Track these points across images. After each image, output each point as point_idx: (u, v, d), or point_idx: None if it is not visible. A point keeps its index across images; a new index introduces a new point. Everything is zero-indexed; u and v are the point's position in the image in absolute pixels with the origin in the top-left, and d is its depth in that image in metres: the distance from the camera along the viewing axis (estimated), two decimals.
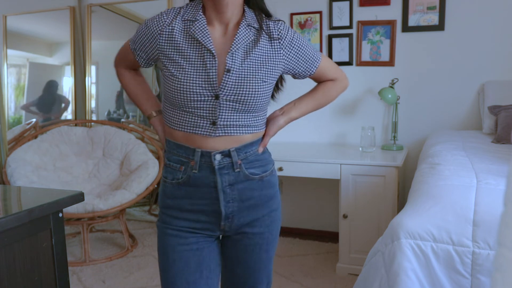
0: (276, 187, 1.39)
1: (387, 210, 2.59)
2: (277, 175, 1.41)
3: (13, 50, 4.07)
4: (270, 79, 1.26)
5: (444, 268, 1.33)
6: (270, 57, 1.27)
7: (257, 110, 1.27)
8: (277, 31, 1.29)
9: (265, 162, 1.33)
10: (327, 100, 1.45)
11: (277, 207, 1.39)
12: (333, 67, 1.43)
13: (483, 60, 2.88)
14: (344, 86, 1.47)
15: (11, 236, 1.14)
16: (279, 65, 1.29)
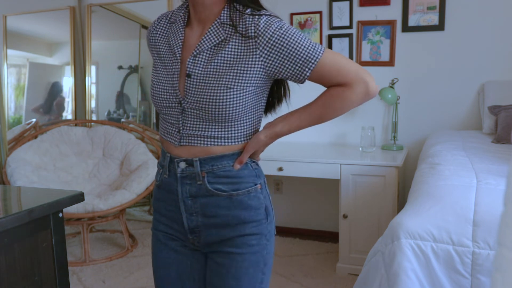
0: (258, 211, 1.17)
1: (387, 210, 2.59)
2: (264, 199, 1.19)
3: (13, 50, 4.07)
4: (239, 85, 1.08)
5: (444, 268, 1.33)
6: (241, 60, 1.09)
7: (229, 120, 1.11)
8: (253, 28, 1.07)
9: (240, 180, 1.16)
10: (329, 113, 1.16)
11: (258, 234, 1.17)
12: (342, 66, 1.11)
13: (483, 60, 2.88)
14: (360, 92, 1.13)
15: (11, 236, 1.14)
16: (255, 69, 1.09)
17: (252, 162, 1.19)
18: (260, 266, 1.19)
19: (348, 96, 1.14)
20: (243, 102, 1.11)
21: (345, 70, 1.12)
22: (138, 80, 3.81)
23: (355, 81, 1.13)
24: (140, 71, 3.80)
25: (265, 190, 1.22)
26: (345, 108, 1.17)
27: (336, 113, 1.17)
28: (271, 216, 1.22)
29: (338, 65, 1.11)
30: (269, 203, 1.22)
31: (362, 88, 1.15)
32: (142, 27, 3.76)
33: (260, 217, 1.18)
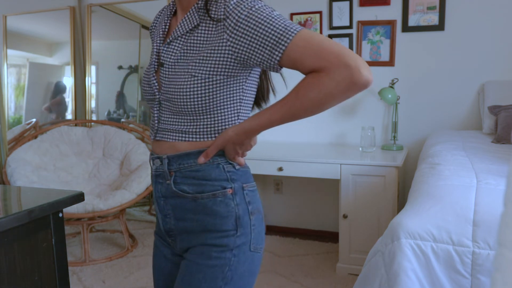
0: (225, 220, 1.03)
1: (387, 210, 2.59)
2: (236, 208, 1.04)
3: (13, 50, 4.07)
4: (205, 73, 0.98)
5: (444, 268, 1.33)
6: (208, 45, 0.99)
7: (195, 112, 1.02)
8: (223, 9, 0.96)
9: (206, 181, 1.04)
10: (303, 106, 0.94)
11: (221, 246, 1.03)
12: (320, 47, 0.91)
13: (483, 60, 2.88)
14: (341, 80, 0.89)
15: (11, 236, 1.14)
16: (223, 54, 0.97)
17: (227, 163, 1.05)
18: (218, 283, 1.03)
19: (326, 84, 0.90)
20: (210, 92, 1.00)
21: (324, 51, 0.91)
22: (138, 80, 3.81)
23: (335, 65, 0.89)
24: (140, 71, 3.80)
25: (241, 197, 1.05)
26: (323, 100, 0.92)
27: (312, 107, 0.94)
28: (245, 230, 1.05)
29: (315, 46, 0.91)
30: (244, 213, 1.05)
31: (343, 74, 0.89)
32: (142, 27, 3.76)
33: (227, 227, 1.04)
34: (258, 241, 1.09)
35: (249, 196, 1.07)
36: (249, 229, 1.06)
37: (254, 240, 1.07)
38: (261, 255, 1.11)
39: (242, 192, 1.06)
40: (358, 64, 0.89)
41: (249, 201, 1.07)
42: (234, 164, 1.06)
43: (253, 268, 1.09)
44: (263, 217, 1.12)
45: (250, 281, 1.09)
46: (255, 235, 1.07)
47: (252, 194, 1.08)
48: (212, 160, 1.05)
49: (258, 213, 1.09)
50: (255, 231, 1.07)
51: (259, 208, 1.11)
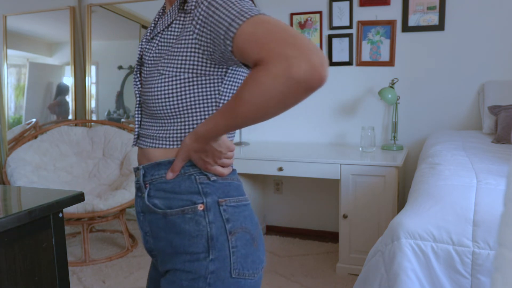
0: (194, 240, 0.89)
1: (387, 210, 2.59)
2: (208, 226, 0.89)
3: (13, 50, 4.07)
4: (172, 71, 0.89)
5: (444, 268, 1.33)
6: (177, 40, 0.89)
7: (165, 115, 0.92)
8: (194, 1, 0.86)
9: (175, 195, 0.92)
10: (241, 107, 0.78)
11: (190, 272, 0.89)
12: (262, 36, 0.75)
13: (483, 60, 2.88)
14: (277, 75, 0.72)
15: (11, 236, 1.14)
16: (190, 50, 0.87)
17: (200, 173, 0.92)
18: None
19: (262, 80, 0.74)
20: (179, 93, 0.89)
21: (265, 40, 0.74)
22: None
23: (271, 57, 0.73)
24: None
25: (216, 214, 0.90)
26: (261, 102, 0.75)
27: (252, 112, 0.77)
28: (220, 252, 0.89)
29: (262, 33, 0.75)
30: (219, 233, 0.89)
31: (280, 67, 0.72)
32: (142, 27, 3.76)
33: (197, 249, 0.89)
34: (245, 266, 0.92)
35: (229, 212, 0.91)
36: (227, 251, 0.90)
37: (238, 265, 0.90)
38: (254, 281, 0.94)
39: (218, 208, 0.90)
40: (300, 54, 0.71)
41: (228, 219, 0.91)
42: (210, 175, 0.92)
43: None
44: (254, 239, 0.95)
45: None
46: (238, 259, 0.91)
47: (233, 211, 0.92)
48: (184, 171, 0.92)
49: (244, 233, 0.92)
50: (237, 254, 0.91)
51: (247, 227, 0.93)
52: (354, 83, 3.16)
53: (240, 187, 0.97)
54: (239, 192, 0.95)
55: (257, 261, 0.94)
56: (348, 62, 3.15)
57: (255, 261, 0.94)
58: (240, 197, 0.95)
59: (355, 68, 3.15)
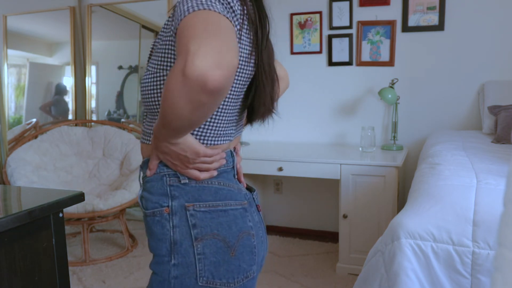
0: (159, 243, 0.88)
1: (387, 210, 2.59)
2: (172, 230, 0.88)
3: (13, 50, 4.07)
4: (153, 67, 0.90)
5: (444, 268, 1.33)
6: (163, 37, 0.91)
7: (150, 111, 0.93)
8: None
9: (149, 196, 0.91)
10: (163, 111, 0.78)
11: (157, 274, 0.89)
12: (183, 34, 0.74)
13: (483, 60, 2.88)
14: (176, 73, 0.71)
15: (11, 236, 1.14)
16: (167, 47, 0.87)
17: (173, 175, 0.89)
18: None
19: (167, 77, 0.74)
20: (158, 89, 0.89)
21: (185, 35, 0.73)
22: (138, 80, 3.81)
23: (178, 53, 0.73)
24: (140, 71, 3.80)
25: (181, 218, 0.87)
26: (168, 99, 0.74)
27: (166, 108, 0.76)
28: (184, 259, 0.86)
29: (186, 31, 0.74)
30: (183, 238, 0.86)
31: (178, 64, 0.71)
32: (142, 27, 3.76)
33: (161, 252, 0.89)
34: (217, 274, 0.88)
35: (197, 218, 0.87)
36: (192, 258, 0.87)
37: (206, 272, 0.87)
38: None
39: (185, 213, 0.87)
40: (198, 51, 0.68)
41: (195, 224, 0.87)
42: (182, 177, 0.89)
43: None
44: (230, 246, 0.89)
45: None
46: (206, 267, 0.87)
47: (203, 216, 0.88)
48: (158, 170, 0.90)
49: (216, 240, 0.88)
50: (205, 261, 0.87)
51: (220, 234, 0.88)
52: (354, 83, 3.16)
53: (222, 191, 0.91)
54: (217, 197, 0.90)
55: (234, 271, 0.89)
56: (348, 62, 3.15)
57: (232, 270, 0.89)
58: (217, 202, 0.89)
59: (355, 68, 3.15)
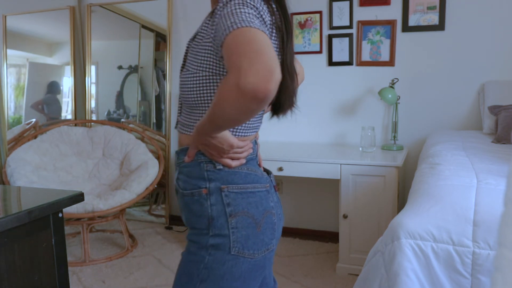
0: (199, 219, 1.04)
1: (387, 210, 2.59)
2: (209, 208, 1.03)
3: (13, 50, 4.07)
4: (194, 67, 1.03)
5: (444, 268, 1.33)
6: (202, 40, 1.02)
7: (190, 106, 1.06)
8: (218, 8, 0.97)
9: (188, 179, 1.06)
10: (215, 111, 0.88)
11: (196, 242, 1.05)
12: (235, 49, 0.83)
13: (483, 60, 2.88)
14: (230, 83, 0.81)
15: (11, 236, 1.14)
16: (207, 51, 1.00)
17: (208, 162, 1.04)
18: (194, 278, 1.03)
19: (221, 87, 0.85)
20: (200, 87, 1.02)
21: (234, 52, 0.83)
22: (138, 80, 3.81)
23: (230, 68, 0.83)
24: (140, 71, 3.80)
25: (217, 198, 1.03)
26: (221, 104, 0.85)
27: (216, 111, 0.87)
28: (220, 231, 1.02)
29: (231, 47, 0.85)
30: (219, 214, 1.02)
31: (232, 77, 0.81)
32: (142, 27, 3.76)
33: (201, 226, 1.04)
34: (245, 246, 1.03)
35: (231, 197, 1.03)
36: (226, 231, 1.02)
37: (236, 243, 1.03)
38: (256, 261, 1.05)
39: (220, 193, 1.03)
40: (251, 67, 0.79)
41: (229, 203, 1.03)
42: (217, 164, 1.04)
43: (239, 272, 1.03)
44: (257, 223, 1.05)
45: (236, 285, 1.04)
46: (237, 239, 1.02)
47: (236, 197, 1.03)
48: (196, 157, 1.05)
49: (246, 217, 1.03)
50: (237, 234, 1.02)
51: (250, 212, 1.04)
52: (354, 83, 3.16)
53: (250, 176, 1.06)
54: (246, 181, 1.05)
55: (259, 243, 1.05)
56: (348, 62, 3.15)
57: (257, 243, 1.05)
58: (247, 184, 1.05)
59: (355, 68, 3.15)
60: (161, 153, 3.42)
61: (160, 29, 3.59)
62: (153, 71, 3.74)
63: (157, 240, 3.32)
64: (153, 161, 3.27)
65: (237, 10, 0.90)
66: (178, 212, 3.73)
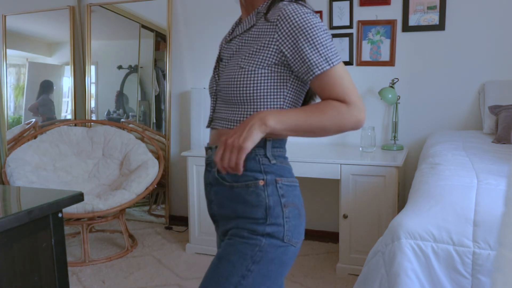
0: (256, 209, 1.10)
1: (387, 210, 2.59)
2: (267, 198, 1.10)
3: (13, 50, 4.07)
4: (251, 65, 1.10)
5: (444, 268, 1.33)
6: (257, 41, 1.10)
7: (240, 102, 1.12)
8: (279, 12, 1.08)
9: (245, 170, 1.11)
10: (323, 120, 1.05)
11: (252, 230, 1.10)
12: (348, 86, 1.08)
13: (483, 60, 2.88)
14: (354, 115, 1.06)
15: (11, 236, 1.14)
16: (269, 51, 1.09)
17: (263, 156, 1.12)
18: (247, 259, 1.09)
19: (344, 111, 1.06)
20: (254, 84, 1.10)
21: (350, 90, 1.08)
22: (137, 80, 3.81)
23: (354, 103, 1.07)
24: (140, 71, 3.80)
25: (273, 189, 1.11)
26: (335, 121, 1.06)
27: (327, 122, 1.06)
28: (276, 220, 1.10)
29: (345, 83, 1.08)
30: (276, 204, 1.11)
31: (357, 112, 1.07)
32: (142, 27, 3.76)
33: (258, 215, 1.10)
34: (294, 234, 1.13)
35: (284, 189, 1.12)
36: (281, 220, 1.11)
37: (288, 232, 1.11)
38: (296, 249, 1.15)
39: (275, 185, 1.11)
40: (364, 112, 1.08)
41: (283, 194, 1.12)
42: (270, 158, 1.13)
43: (285, 259, 1.12)
44: (301, 214, 1.16)
45: (279, 271, 1.12)
46: (289, 227, 1.12)
47: (287, 189, 1.13)
48: (251, 151, 1.10)
49: (294, 208, 1.13)
50: (289, 223, 1.12)
51: (296, 204, 1.15)
52: (354, 83, 3.15)
53: (292, 171, 1.18)
54: (291, 175, 1.17)
55: (301, 232, 1.16)
56: (348, 62, 3.15)
57: (300, 232, 1.16)
58: (292, 178, 1.16)
59: (355, 68, 3.15)
60: (161, 153, 3.42)
61: (160, 29, 3.58)
62: (153, 71, 3.73)
63: (157, 240, 3.32)
64: (153, 161, 3.27)
65: (321, 36, 1.05)
66: (178, 212, 3.73)
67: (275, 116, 1.04)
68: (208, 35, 3.49)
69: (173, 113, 3.69)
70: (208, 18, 3.47)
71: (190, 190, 3.04)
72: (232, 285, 1.09)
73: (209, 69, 3.52)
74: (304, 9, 1.06)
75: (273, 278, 1.12)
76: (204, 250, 3.04)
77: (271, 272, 1.11)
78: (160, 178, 3.27)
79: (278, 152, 1.15)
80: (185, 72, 3.63)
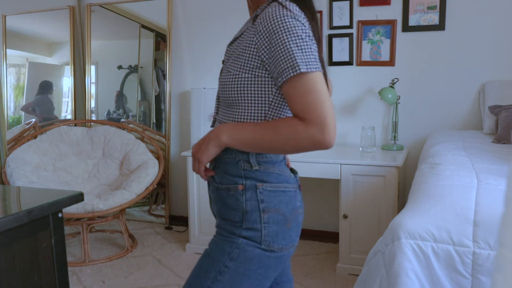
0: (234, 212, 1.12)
1: (387, 210, 2.59)
2: (244, 203, 1.11)
3: (13, 50, 4.07)
4: (236, 69, 1.10)
5: (444, 268, 1.33)
6: (243, 45, 1.10)
7: (230, 105, 1.14)
8: (260, 14, 1.07)
9: (225, 174, 1.14)
10: (271, 133, 1.02)
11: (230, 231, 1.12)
12: (311, 101, 0.97)
13: (483, 60, 2.88)
14: (312, 135, 0.97)
15: (11, 236, 1.14)
16: (250, 54, 1.07)
17: (246, 162, 1.12)
18: (225, 255, 1.10)
19: (300, 131, 0.99)
20: (238, 88, 1.10)
21: (313, 106, 0.98)
22: (137, 80, 3.81)
23: (314, 123, 0.97)
24: (140, 71, 3.80)
25: (252, 194, 1.10)
26: (290, 141, 1.00)
27: (281, 142, 1.01)
28: (253, 225, 1.10)
29: (309, 98, 0.98)
30: (253, 209, 1.10)
31: (317, 132, 0.97)
32: (142, 27, 3.76)
33: (235, 218, 1.11)
34: (275, 240, 1.11)
35: (264, 195, 1.11)
36: (259, 225, 1.10)
37: (268, 237, 1.10)
38: (283, 254, 1.14)
39: (255, 190, 1.11)
40: (330, 130, 0.98)
41: (263, 200, 1.11)
42: (253, 163, 1.12)
43: (267, 262, 1.12)
44: (287, 220, 1.13)
45: (261, 272, 1.12)
46: (268, 233, 1.10)
47: (269, 194, 1.11)
48: (234, 156, 1.12)
49: (277, 213, 1.11)
50: (268, 229, 1.10)
51: (281, 209, 1.12)
52: (354, 83, 3.16)
53: (281, 176, 1.14)
54: (279, 180, 1.13)
55: (287, 239, 1.14)
56: (348, 62, 3.15)
57: (285, 238, 1.13)
58: (279, 184, 1.13)
59: (355, 68, 3.15)
60: (161, 153, 3.42)
61: (160, 29, 3.58)
62: (153, 71, 3.73)
63: (157, 240, 3.32)
64: (153, 161, 3.27)
65: (295, 40, 0.99)
66: (178, 212, 3.73)
67: (230, 131, 1.07)
68: (208, 35, 3.49)
69: (173, 113, 3.69)
70: (208, 18, 3.47)
71: (190, 190, 3.04)
72: (209, 280, 1.11)
73: (209, 69, 3.52)
74: (284, 11, 1.01)
75: (254, 278, 1.11)
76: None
77: (250, 272, 1.10)
78: (160, 178, 3.27)
79: (264, 158, 1.12)
80: (185, 72, 3.63)
